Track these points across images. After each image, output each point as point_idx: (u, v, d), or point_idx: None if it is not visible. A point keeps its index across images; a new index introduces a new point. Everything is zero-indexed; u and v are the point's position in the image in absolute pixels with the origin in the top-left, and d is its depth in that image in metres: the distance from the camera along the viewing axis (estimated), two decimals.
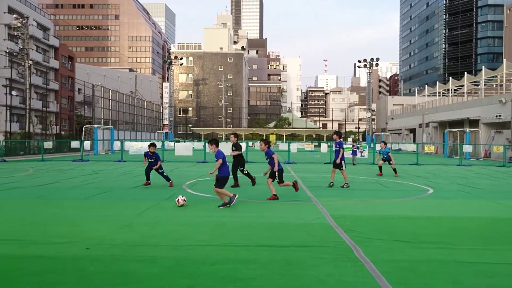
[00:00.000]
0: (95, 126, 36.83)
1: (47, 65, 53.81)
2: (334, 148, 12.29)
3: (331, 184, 12.11)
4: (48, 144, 27.89)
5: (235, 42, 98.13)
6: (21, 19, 35.88)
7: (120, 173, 16.48)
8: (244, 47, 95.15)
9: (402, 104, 67.73)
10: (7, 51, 43.70)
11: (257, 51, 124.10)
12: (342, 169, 11.84)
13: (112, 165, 21.21)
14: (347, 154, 18.98)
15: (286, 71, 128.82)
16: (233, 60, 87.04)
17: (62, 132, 51.20)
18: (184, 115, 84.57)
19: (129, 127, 57.14)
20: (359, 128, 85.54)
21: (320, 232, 6.20)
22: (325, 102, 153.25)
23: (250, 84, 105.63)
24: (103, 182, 13.01)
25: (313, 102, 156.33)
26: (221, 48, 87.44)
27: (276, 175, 9.35)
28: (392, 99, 74.74)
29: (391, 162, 16.25)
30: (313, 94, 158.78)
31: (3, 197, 9.63)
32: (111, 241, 5.56)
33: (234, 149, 11.91)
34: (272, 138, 62.37)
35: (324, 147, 28.73)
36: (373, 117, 72.69)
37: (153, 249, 5.18)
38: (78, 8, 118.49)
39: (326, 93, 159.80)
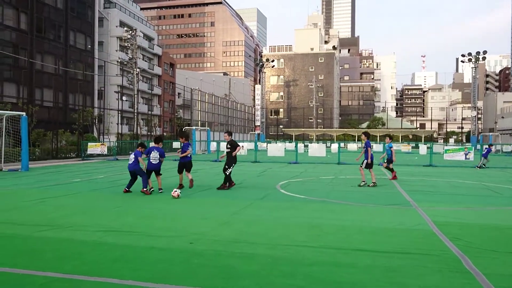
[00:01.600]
0: (193, 127, 39.16)
1: (152, 72, 58.61)
2: (363, 149, 12.51)
3: (364, 183, 12.21)
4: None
5: (326, 42, 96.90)
6: (130, 31, 39.63)
7: (216, 172, 17.28)
8: (335, 46, 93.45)
9: None
10: (119, 60, 48.58)
11: (349, 50, 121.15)
12: (371, 169, 12.19)
13: (208, 164, 22.35)
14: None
15: (379, 69, 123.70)
16: (324, 60, 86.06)
17: (164, 134, 55.32)
18: (275, 116, 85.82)
19: (223, 129, 59.72)
20: (462, 128, 78.66)
21: (423, 239, 5.84)
22: (423, 101, 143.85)
23: (341, 84, 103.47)
24: (202, 180, 13.76)
25: (409, 101, 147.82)
26: (312, 49, 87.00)
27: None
28: (503, 96, 67.47)
29: (391, 160, 14.50)
30: (409, 93, 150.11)
31: (118, 191, 10.71)
32: (212, 236, 5.87)
33: (229, 146, 11.18)
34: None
35: (422, 148, 26.96)
36: (479, 116, 66.32)
37: (251, 246, 5.34)
38: (178, 18, 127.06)
39: (424, 91, 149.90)
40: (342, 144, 37.74)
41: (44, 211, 7.87)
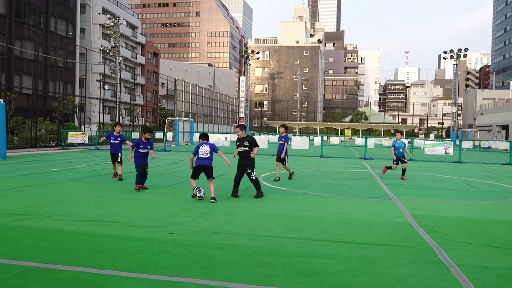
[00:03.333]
0: (177, 118, 38.83)
1: (135, 61, 57.74)
2: (279, 142, 12.09)
3: (278, 178, 11.70)
4: (135, 135, 30.01)
5: (311, 35, 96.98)
6: (113, 19, 38.86)
7: None
8: (321, 40, 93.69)
9: (494, 98, 62.17)
10: (101, 48, 47.66)
11: (334, 44, 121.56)
12: (285, 164, 11.86)
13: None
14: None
15: (363, 64, 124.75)
16: (309, 53, 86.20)
17: (147, 124, 54.73)
18: (259, 108, 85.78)
19: (207, 120, 59.41)
20: (442, 123, 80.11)
21: (401, 231, 5.96)
22: (406, 96, 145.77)
23: (326, 77, 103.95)
24: (184, 171, 13.69)
25: (392, 96, 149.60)
26: (297, 42, 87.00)
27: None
28: (482, 93, 68.91)
29: (405, 160, 12.98)
30: (392, 88, 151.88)
31: (99, 181, 10.58)
32: (192, 227, 5.86)
33: (247, 144, 9.06)
34: (348, 132, 60.88)
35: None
36: (459, 112, 67.62)
37: (231, 237, 5.36)
38: (163, 7, 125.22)
39: (407, 87, 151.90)
40: (325, 138, 37.98)
41: (22, 199, 7.72)
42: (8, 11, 36.26)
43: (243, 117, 63.72)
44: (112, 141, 11.42)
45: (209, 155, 8.31)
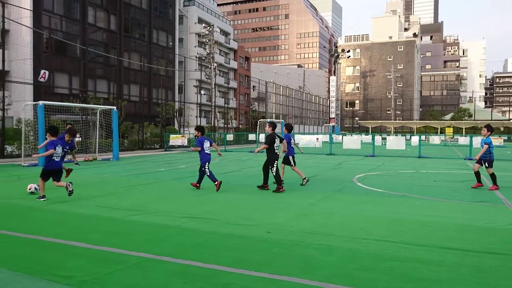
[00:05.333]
0: (268, 120, 39.60)
1: (228, 66, 60.19)
2: (291, 143, 10.94)
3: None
4: (230, 137, 31.30)
5: (406, 30, 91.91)
6: (208, 27, 41.03)
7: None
8: (416, 33, 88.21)
9: None
10: (197, 56, 50.57)
11: (431, 37, 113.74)
12: (292, 166, 10.64)
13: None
14: None
15: (466, 56, 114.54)
16: (403, 48, 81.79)
17: (240, 126, 56.67)
18: (350, 108, 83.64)
19: (297, 121, 59.57)
20: None
21: None
22: None
23: (422, 73, 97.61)
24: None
25: (501, 90, 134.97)
26: (390, 37, 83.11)
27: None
28: None
29: (486, 165, 9.93)
30: (501, 81, 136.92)
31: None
32: (289, 227, 5.94)
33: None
34: (449, 131, 56.38)
35: None
36: None
37: (329, 238, 5.33)
38: (253, 12, 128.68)
39: None
40: (423, 137, 35.69)
41: (133, 197, 8.55)
42: (118, 27, 40.35)
43: (334, 117, 62.71)
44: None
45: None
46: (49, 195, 8.38)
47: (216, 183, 9.32)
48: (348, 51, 72.39)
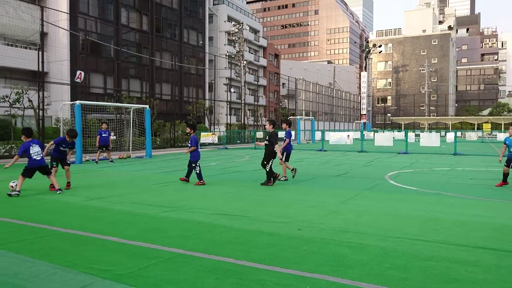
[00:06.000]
0: (298, 117, 39.42)
1: (257, 63, 60.28)
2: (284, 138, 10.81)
3: (285, 177, 10.78)
4: (260, 134, 31.34)
5: (440, 22, 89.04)
6: (237, 26, 41.22)
7: (321, 162, 17.22)
8: (452, 26, 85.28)
9: None
10: (227, 54, 50.93)
11: (467, 29, 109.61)
12: (281, 160, 10.64)
13: (313, 154, 22.35)
14: None
15: (505, 48, 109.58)
16: (437, 42, 79.31)
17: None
18: (382, 104, 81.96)
19: (328, 118, 58.99)
20: None
21: None
22: None
23: (458, 67, 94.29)
24: (307, 169, 13.84)
25: None
26: (424, 31, 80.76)
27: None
28: None
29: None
30: None
31: (231, 178, 11.36)
32: (320, 224, 5.91)
33: (268, 140, 10.00)
34: (487, 127, 54.26)
35: None
36: None
37: (360, 236, 5.26)
38: (282, 9, 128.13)
39: None
40: (459, 133, 34.53)
41: (166, 193, 8.74)
42: (149, 27, 41.20)
43: (365, 114, 61.69)
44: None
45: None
46: (87, 193, 8.70)
47: (202, 182, 10.00)
48: (380, 46, 70.96)
